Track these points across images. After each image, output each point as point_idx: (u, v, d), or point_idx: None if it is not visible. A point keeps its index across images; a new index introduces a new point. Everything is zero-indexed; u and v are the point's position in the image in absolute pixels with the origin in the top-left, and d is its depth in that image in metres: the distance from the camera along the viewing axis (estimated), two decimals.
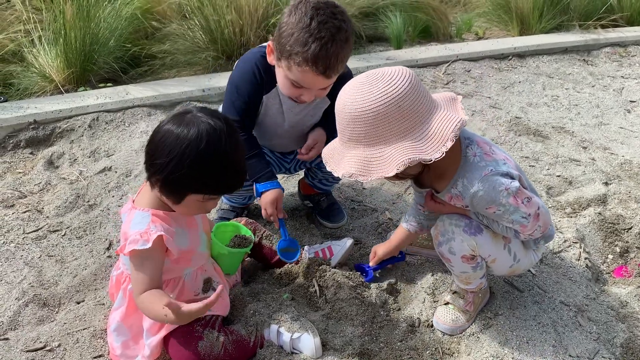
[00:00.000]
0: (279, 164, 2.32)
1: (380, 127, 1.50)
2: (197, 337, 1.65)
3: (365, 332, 1.85)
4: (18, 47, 3.59)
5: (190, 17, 3.99)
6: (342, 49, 1.81)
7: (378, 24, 4.63)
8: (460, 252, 1.74)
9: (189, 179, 1.53)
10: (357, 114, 1.50)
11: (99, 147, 3.02)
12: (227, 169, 1.56)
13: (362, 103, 1.50)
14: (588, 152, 3.10)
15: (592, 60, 4.49)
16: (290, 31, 1.79)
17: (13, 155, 2.98)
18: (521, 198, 1.63)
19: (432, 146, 1.49)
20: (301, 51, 1.77)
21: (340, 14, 1.83)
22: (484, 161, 1.63)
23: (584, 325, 1.92)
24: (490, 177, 1.60)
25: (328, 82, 1.89)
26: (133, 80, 3.76)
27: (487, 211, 1.66)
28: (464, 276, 1.85)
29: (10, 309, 1.95)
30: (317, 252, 2.10)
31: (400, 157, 1.48)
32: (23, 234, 2.37)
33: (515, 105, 3.67)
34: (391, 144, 1.50)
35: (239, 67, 2.05)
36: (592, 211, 2.49)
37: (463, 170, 1.65)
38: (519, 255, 1.82)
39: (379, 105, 1.48)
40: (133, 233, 1.58)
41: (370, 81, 1.52)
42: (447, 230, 1.75)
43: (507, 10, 4.87)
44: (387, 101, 1.48)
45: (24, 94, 3.41)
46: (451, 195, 1.70)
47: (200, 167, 1.51)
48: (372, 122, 1.49)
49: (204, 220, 1.84)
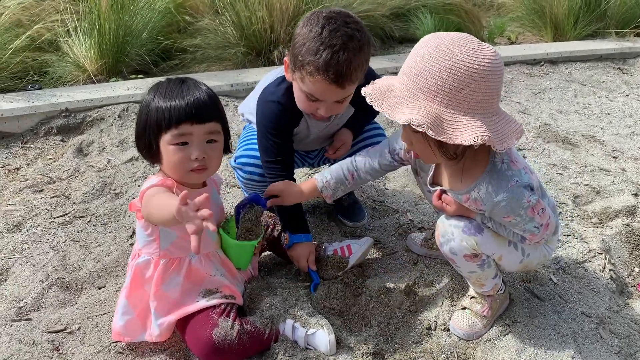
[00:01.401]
0: (302, 159, 2.33)
1: (468, 91, 1.41)
2: (212, 325, 1.66)
3: (380, 333, 1.84)
4: (54, 36, 3.68)
5: (222, 12, 4.04)
6: (355, 56, 1.77)
7: (409, 25, 4.61)
8: (461, 251, 1.72)
9: (149, 121, 1.62)
10: (455, 65, 1.40)
11: (128, 137, 3.07)
12: (175, 97, 1.61)
13: (467, 57, 1.41)
14: (618, 162, 3.03)
15: (627, 68, 4.38)
16: (303, 41, 1.78)
17: (44, 141, 3.05)
18: (537, 209, 1.61)
19: (499, 136, 1.46)
20: (312, 60, 1.75)
21: (353, 23, 1.80)
22: (511, 170, 1.60)
23: (605, 337, 1.88)
24: (516, 189, 1.57)
25: (342, 93, 1.84)
26: (164, 73, 3.82)
27: (503, 220, 1.64)
28: (474, 277, 1.82)
29: (34, 291, 2.00)
30: (336, 249, 2.10)
31: (478, 131, 1.41)
32: (50, 218, 2.43)
33: (545, 112, 3.60)
34: (465, 115, 1.43)
35: (265, 110, 2.01)
36: (619, 222, 2.43)
37: (489, 176, 1.60)
38: (527, 249, 1.77)
39: (483, 69, 1.40)
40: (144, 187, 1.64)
41: (473, 42, 1.44)
42: (447, 232, 1.73)
43: (541, 16, 4.79)
44: (490, 67, 1.41)
45: (57, 82, 3.50)
46: (469, 197, 1.66)
47: (153, 106, 1.62)
48: (465, 81, 1.40)
49: (221, 214, 1.87)
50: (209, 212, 1.34)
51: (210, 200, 1.80)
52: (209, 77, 3.61)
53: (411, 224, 2.43)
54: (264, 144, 2.03)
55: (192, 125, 1.60)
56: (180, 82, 1.66)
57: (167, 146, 1.61)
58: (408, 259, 2.21)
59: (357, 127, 2.18)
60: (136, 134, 1.70)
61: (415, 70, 1.46)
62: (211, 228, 1.34)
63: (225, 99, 3.44)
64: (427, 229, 2.33)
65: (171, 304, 1.72)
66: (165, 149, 1.62)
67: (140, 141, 1.68)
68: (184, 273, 1.74)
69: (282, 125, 2.01)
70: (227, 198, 2.61)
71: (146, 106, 1.65)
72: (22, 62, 3.46)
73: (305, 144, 2.21)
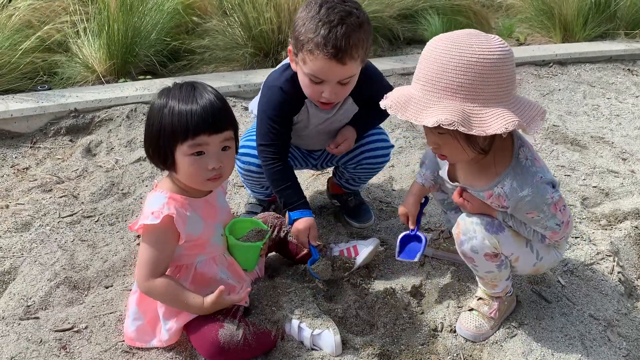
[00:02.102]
0: (305, 160, 2.33)
1: (487, 82, 1.42)
2: (218, 325, 1.67)
3: (386, 334, 1.84)
4: (64, 37, 3.71)
5: (230, 13, 4.05)
6: (354, 31, 1.77)
7: (417, 26, 4.60)
8: (483, 250, 1.71)
9: (165, 131, 1.59)
10: (469, 59, 1.42)
11: (136, 138, 3.08)
12: (193, 108, 1.58)
13: (479, 49, 1.42)
14: (628, 163, 3.01)
15: (637, 70, 4.35)
16: (302, 22, 1.81)
17: (53, 141, 3.07)
18: (559, 206, 1.63)
19: (526, 120, 1.46)
20: (312, 37, 1.77)
21: (351, 2, 1.83)
22: (535, 167, 1.61)
23: (614, 340, 1.87)
24: (540, 185, 1.59)
25: (343, 71, 1.83)
26: (172, 74, 3.83)
27: (526, 216, 1.65)
28: (489, 277, 1.81)
29: (42, 289, 2.01)
30: (342, 250, 2.10)
31: (507, 118, 1.42)
32: (58, 217, 2.45)
33: (554, 113, 3.58)
34: (489, 106, 1.44)
35: (266, 95, 2.04)
36: (628, 224, 2.42)
37: (514, 171, 1.61)
38: (541, 252, 1.78)
39: (497, 57, 1.42)
40: (147, 210, 1.64)
41: (480, 35, 1.47)
42: (469, 229, 1.72)
43: (550, 17, 4.77)
44: (502, 55, 1.44)
45: (67, 83, 3.52)
46: (492, 193, 1.66)
47: (170, 114, 1.59)
48: (482, 73, 1.42)
49: (228, 216, 1.87)
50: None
51: (217, 204, 1.81)
52: (217, 78, 3.63)
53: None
54: (262, 128, 2.04)
55: (209, 136, 1.60)
56: (192, 89, 1.62)
57: (183, 157, 1.61)
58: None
59: (361, 125, 2.17)
60: (148, 143, 1.65)
61: (431, 73, 1.47)
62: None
63: (233, 100, 3.45)
64: (433, 230, 2.32)
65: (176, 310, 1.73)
66: (182, 159, 1.61)
67: (154, 151, 1.64)
68: (190, 278, 1.76)
69: (283, 111, 2.02)
70: (234, 198, 2.61)
71: (158, 115, 1.60)
72: (32, 63, 3.49)
73: (307, 138, 2.20)
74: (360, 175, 2.29)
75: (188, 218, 1.67)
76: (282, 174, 2.05)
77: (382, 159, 2.25)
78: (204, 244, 1.75)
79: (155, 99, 1.65)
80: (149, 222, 1.61)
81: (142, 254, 1.66)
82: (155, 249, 1.64)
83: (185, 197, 1.69)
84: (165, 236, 1.64)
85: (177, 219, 1.62)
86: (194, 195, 1.71)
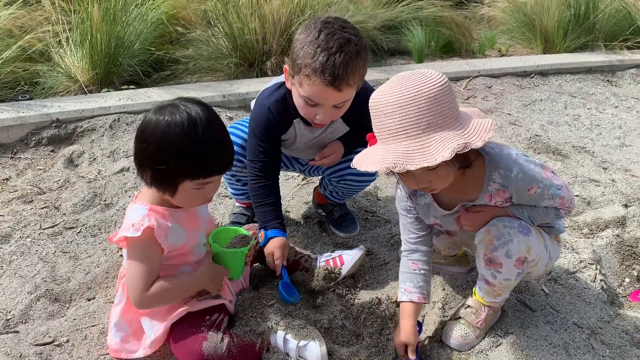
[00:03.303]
0: (290, 163, 2.33)
1: (428, 114, 1.44)
2: (201, 338, 1.65)
3: (372, 344, 1.83)
4: (45, 47, 3.67)
5: (215, 23, 4.05)
6: (352, 60, 1.78)
7: (400, 37, 4.64)
8: (517, 254, 1.69)
9: (176, 166, 1.56)
10: (406, 100, 1.45)
11: (119, 148, 3.06)
12: (210, 150, 1.58)
13: (415, 88, 1.45)
14: (608, 173, 3.05)
15: (616, 81, 4.43)
16: (300, 46, 1.81)
17: (35, 152, 3.03)
18: (549, 172, 1.68)
19: (475, 135, 1.47)
20: (309, 63, 1.77)
21: (351, 29, 1.82)
22: (503, 150, 1.67)
23: (597, 348, 1.88)
24: (520, 159, 1.65)
25: (340, 96, 1.84)
26: (155, 84, 3.81)
27: (529, 193, 1.66)
28: (503, 285, 1.78)
29: (22, 303, 1.97)
30: (328, 260, 2.09)
31: (449, 144, 1.42)
32: (39, 229, 2.41)
33: (536, 123, 3.63)
34: (430, 136, 1.44)
35: (256, 113, 2.06)
36: (610, 233, 2.45)
37: (492, 164, 1.65)
38: (551, 250, 1.82)
39: (431, 88, 1.45)
40: (127, 222, 1.63)
41: (411, 74, 1.50)
42: (503, 234, 1.69)
43: (531, 28, 4.84)
44: (437, 85, 1.46)
45: (48, 93, 3.48)
46: (490, 193, 1.68)
47: (184, 152, 1.55)
48: (423, 107, 1.44)
49: (210, 224, 1.86)
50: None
51: (198, 214, 1.79)
52: (201, 88, 3.62)
53: None
54: (251, 145, 2.07)
55: (218, 175, 1.65)
56: (205, 125, 1.56)
57: (186, 189, 1.61)
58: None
59: (350, 143, 2.18)
60: (148, 168, 1.59)
61: (378, 123, 1.50)
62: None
63: (218, 110, 3.44)
64: None
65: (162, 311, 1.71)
66: (184, 190, 1.62)
67: (153, 177, 1.60)
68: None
69: (270, 132, 2.05)
70: (219, 208, 2.60)
71: (169, 150, 1.54)
72: (13, 72, 3.44)
73: (295, 151, 2.22)
74: (344, 190, 2.30)
75: (170, 229, 1.65)
76: (264, 190, 2.06)
77: (366, 177, 2.25)
78: (187, 253, 1.74)
79: (160, 124, 1.55)
80: (129, 234, 1.59)
81: (131, 271, 1.64)
82: (143, 263, 1.62)
83: (166, 208, 1.67)
84: (149, 248, 1.63)
85: (157, 230, 1.61)
86: (174, 206, 1.70)
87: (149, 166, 1.59)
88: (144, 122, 1.59)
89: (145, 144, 1.57)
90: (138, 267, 1.62)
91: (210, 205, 2.56)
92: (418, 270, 1.86)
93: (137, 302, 1.65)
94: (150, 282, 1.63)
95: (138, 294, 1.63)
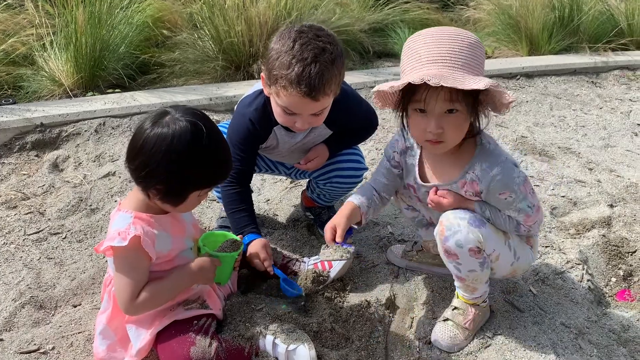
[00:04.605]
0: (275, 167, 2.32)
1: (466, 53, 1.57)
2: (189, 343, 1.63)
3: (362, 347, 1.83)
4: (29, 50, 3.63)
5: (201, 26, 4.03)
6: (327, 69, 1.77)
7: (387, 39, 4.65)
8: (467, 244, 1.71)
9: (190, 179, 1.58)
10: (448, 35, 1.57)
11: (104, 152, 3.03)
12: (221, 159, 1.63)
13: (456, 30, 1.60)
14: (594, 173, 3.08)
15: (600, 82, 4.48)
16: (276, 56, 1.79)
17: (19, 157, 2.99)
18: (528, 188, 1.72)
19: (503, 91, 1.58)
20: (285, 74, 1.76)
21: (325, 37, 1.81)
22: (498, 149, 1.72)
23: (585, 348, 1.89)
24: (507, 163, 1.69)
25: (317, 106, 1.84)
26: (141, 87, 3.78)
27: (499, 197, 1.70)
28: (471, 277, 1.81)
29: (6, 310, 1.94)
30: (316, 263, 2.08)
31: (482, 81, 1.51)
32: (24, 235, 2.37)
33: (522, 125, 3.66)
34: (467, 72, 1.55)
35: (236, 121, 2.07)
36: (596, 233, 2.47)
37: (481, 155, 1.70)
38: (518, 252, 1.82)
39: (471, 36, 1.60)
40: (112, 231, 1.60)
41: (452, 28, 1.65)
42: (453, 224, 1.73)
43: (517, 30, 4.88)
44: (474, 37, 1.61)
45: (32, 97, 3.44)
46: (465, 181, 1.73)
47: (199, 163, 1.56)
48: (464, 46, 1.57)
49: (195, 228, 1.84)
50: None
51: (183, 218, 1.78)
52: (188, 91, 3.60)
53: (391, 237, 2.43)
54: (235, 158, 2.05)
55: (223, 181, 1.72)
56: (215, 137, 1.60)
57: (193, 198, 1.64)
58: (389, 271, 2.21)
59: (334, 145, 2.18)
60: (162, 184, 1.57)
61: (447, 54, 1.55)
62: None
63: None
64: (407, 241, 2.33)
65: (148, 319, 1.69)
66: (189, 199, 1.64)
67: (167, 190, 1.59)
68: None
69: (248, 141, 2.05)
70: (207, 212, 2.58)
71: (174, 163, 1.54)
72: None
73: (278, 156, 2.22)
74: (331, 192, 2.29)
75: (156, 236, 1.63)
76: (238, 197, 2.07)
77: (354, 179, 2.25)
78: (174, 259, 1.72)
79: (163, 136, 1.53)
80: (115, 244, 1.57)
81: (119, 281, 1.62)
82: (131, 272, 1.60)
83: (151, 215, 1.65)
84: (137, 258, 1.60)
85: (144, 239, 1.58)
86: (159, 212, 1.68)
87: (158, 182, 1.56)
88: (146, 137, 1.54)
89: (150, 159, 1.53)
90: (126, 277, 1.60)
91: (197, 210, 2.55)
92: (376, 196, 1.97)
93: (128, 311, 1.64)
94: (138, 291, 1.62)
95: (128, 303, 1.61)
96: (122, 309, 1.64)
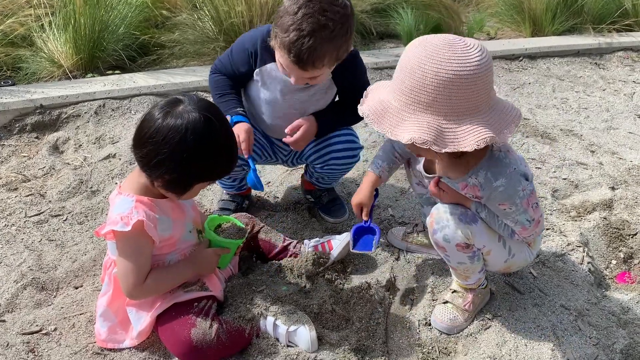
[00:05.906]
0: (273, 153, 2.28)
1: (462, 96, 1.41)
2: (190, 325, 1.64)
3: (362, 328, 1.84)
4: (28, 31, 3.59)
5: (201, 7, 3.98)
6: (322, 45, 1.77)
7: (389, 20, 4.60)
8: (455, 239, 1.72)
9: (198, 172, 1.59)
10: (445, 75, 1.39)
11: (104, 134, 3.02)
12: (230, 153, 1.65)
13: (456, 64, 1.39)
14: (596, 156, 3.06)
15: (604, 64, 4.44)
16: (281, 14, 1.81)
17: (18, 139, 2.98)
18: (532, 202, 1.66)
19: (498, 129, 1.47)
20: (282, 36, 1.79)
21: (332, 13, 1.77)
22: (508, 158, 1.65)
23: (584, 329, 1.90)
24: (514, 175, 1.62)
25: (306, 74, 1.87)
26: (141, 69, 3.75)
27: (498, 207, 1.67)
28: (461, 268, 1.82)
29: (8, 292, 1.95)
30: (317, 246, 2.09)
31: (481, 134, 1.42)
32: (25, 217, 2.38)
33: (524, 107, 3.63)
34: (464, 120, 1.43)
35: (247, 33, 2.11)
36: (597, 215, 2.46)
37: (488, 163, 1.64)
38: (513, 249, 1.81)
39: (474, 71, 1.40)
40: (114, 215, 1.60)
41: (458, 44, 1.43)
42: (442, 218, 1.74)
43: (520, 11, 4.82)
44: (479, 68, 1.41)
45: (32, 78, 3.42)
46: (467, 184, 1.68)
47: (209, 160, 1.58)
48: (457, 88, 1.40)
49: (194, 212, 1.84)
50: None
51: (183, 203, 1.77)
52: (188, 72, 3.57)
53: (392, 219, 2.43)
54: (224, 54, 2.13)
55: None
56: (225, 130, 1.62)
57: (197, 188, 1.66)
58: (389, 254, 2.21)
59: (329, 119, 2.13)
60: (169, 174, 1.58)
61: (408, 85, 1.45)
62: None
63: (204, 95, 3.40)
64: (407, 223, 2.33)
65: (148, 301, 1.70)
66: (194, 189, 1.66)
67: (176, 180, 1.60)
68: None
69: (246, 54, 2.06)
70: (207, 195, 2.58)
71: (185, 156, 1.54)
72: None
73: (277, 117, 2.14)
74: (329, 175, 2.27)
75: (158, 221, 1.63)
76: (225, 82, 2.11)
77: (350, 159, 2.22)
78: (175, 242, 1.72)
79: (175, 128, 1.53)
80: (118, 228, 1.56)
81: (122, 265, 1.62)
82: (135, 257, 1.61)
83: (151, 198, 1.65)
84: (140, 242, 1.61)
85: (147, 223, 1.58)
86: (159, 196, 1.67)
87: (166, 172, 1.56)
88: (158, 126, 1.53)
89: (161, 149, 1.53)
90: (129, 262, 1.61)
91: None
92: (397, 156, 2.00)
93: (131, 295, 1.65)
94: (143, 275, 1.62)
95: (132, 288, 1.62)
96: (125, 293, 1.64)
